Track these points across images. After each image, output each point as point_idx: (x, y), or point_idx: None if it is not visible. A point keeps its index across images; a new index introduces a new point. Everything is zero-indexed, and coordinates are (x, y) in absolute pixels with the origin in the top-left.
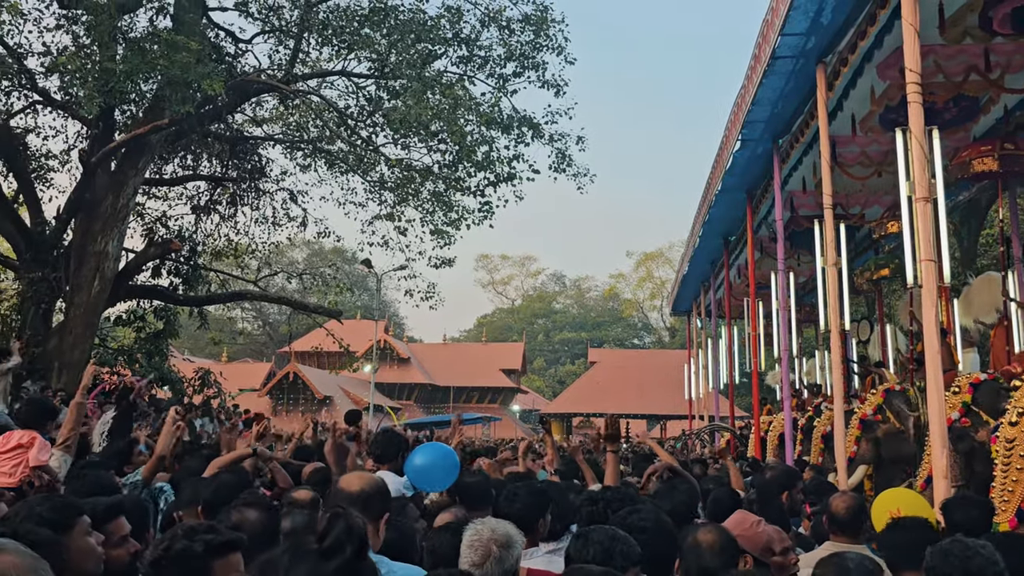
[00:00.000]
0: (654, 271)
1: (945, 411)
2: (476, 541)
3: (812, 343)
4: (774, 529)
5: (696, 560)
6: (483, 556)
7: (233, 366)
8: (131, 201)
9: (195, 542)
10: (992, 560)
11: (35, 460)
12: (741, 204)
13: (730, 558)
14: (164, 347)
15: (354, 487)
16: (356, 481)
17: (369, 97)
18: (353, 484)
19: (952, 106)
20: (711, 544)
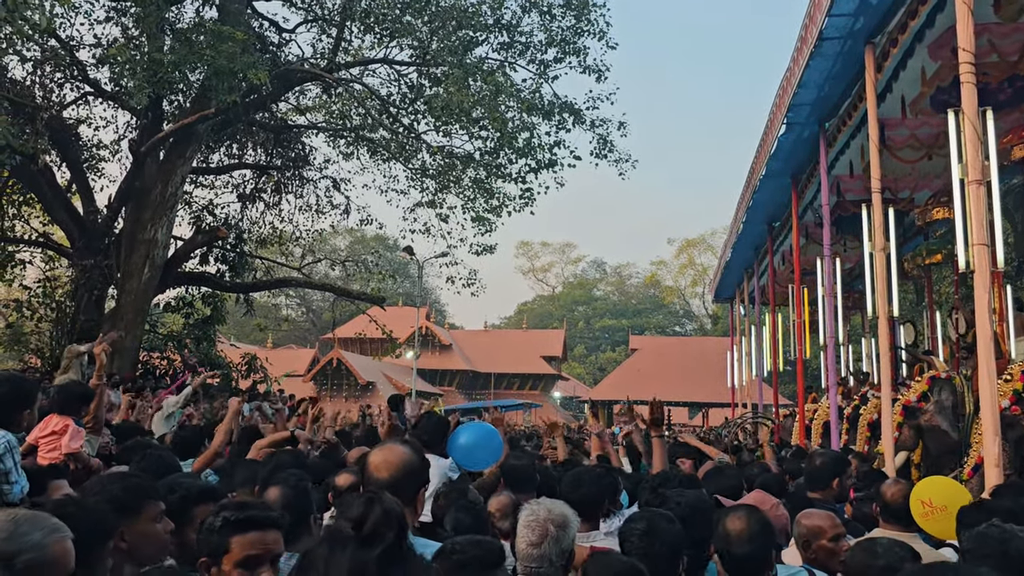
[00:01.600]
0: (696, 258)
1: (997, 398)
2: (533, 521)
3: (859, 331)
4: (826, 514)
5: (727, 545)
6: (541, 536)
7: (278, 352)
8: (179, 189)
9: (217, 517)
10: None
11: (67, 448)
12: (786, 189)
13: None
14: (212, 333)
15: (383, 473)
16: (383, 466)
17: (411, 84)
18: (381, 469)
19: (1007, 86)
20: (740, 531)
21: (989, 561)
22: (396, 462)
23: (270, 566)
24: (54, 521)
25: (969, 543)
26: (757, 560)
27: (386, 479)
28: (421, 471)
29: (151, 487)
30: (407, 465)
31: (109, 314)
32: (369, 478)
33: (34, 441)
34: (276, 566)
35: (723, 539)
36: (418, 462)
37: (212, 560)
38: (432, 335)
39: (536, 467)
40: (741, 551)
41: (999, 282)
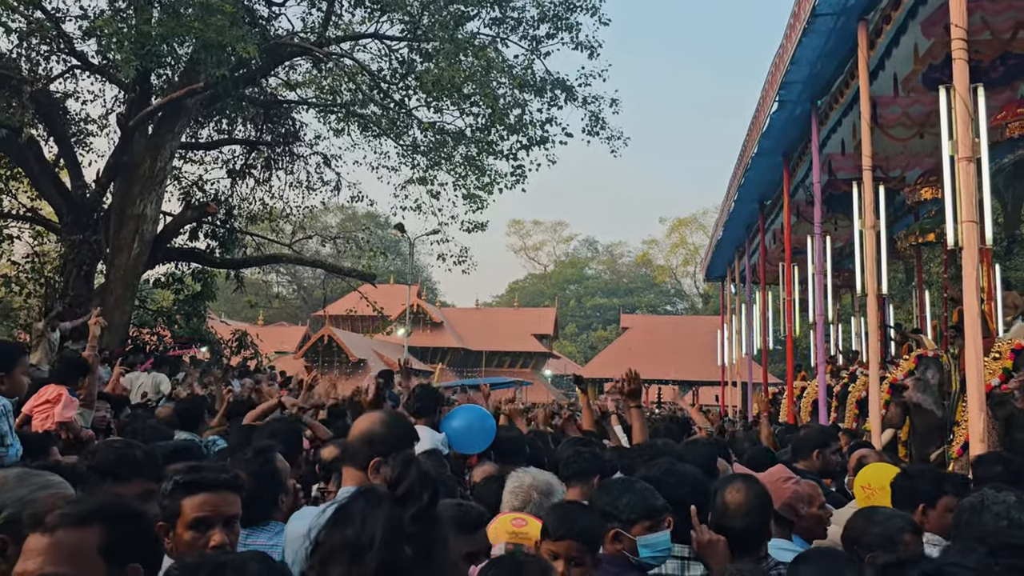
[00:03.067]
0: (687, 237)
1: (983, 375)
2: (518, 488)
3: (849, 309)
4: (809, 484)
5: (723, 517)
6: (524, 501)
7: (269, 329)
8: (168, 164)
9: (170, 481)
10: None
11: (60, 416)
12: (777, 167)
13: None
14: (202, 309)
15: (350, 437)
16: (353, 430)
17: (402, 60)
18: (351, 434)
19: (999, 64)
20: (738, 504)
21: (969, 536)
22: (357, 427)
23: (223, 527)
24: (49, 478)
25: (957, 517)
26: (753, 532)
27: (348, 443)
28: (382, 440)
29: (151, 466)
30: (364, 432)
31: (98, 290)
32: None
33: (29, 411)
34: (233, 528)
35: (720, 510)
36: (381, 431)
37: (168, 523)
38: (423, 313)
39: (525, 439)
40: (737, 523)
41: (988, 260)
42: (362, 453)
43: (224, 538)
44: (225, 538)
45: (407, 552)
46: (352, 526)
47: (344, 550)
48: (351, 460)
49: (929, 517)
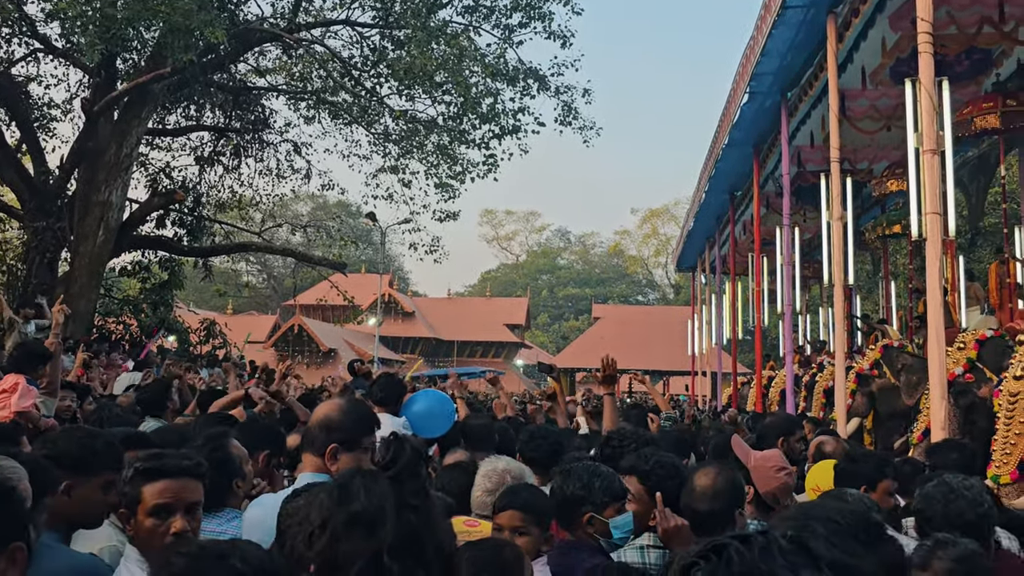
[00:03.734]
0: (659, 228)
1: (945, 364)
2: (491, 472)
3: (817, 300)
4: (774, 451)
5: (691, 500)
6: (497, 484)
7: (238, 319)
8: (134, 151)
9: (130, 468)
10: (976, 501)
11: (16, 406)
12: (748, 159)
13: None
14: (169, 298)
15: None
16: (311, 416)
17: (373, 47)
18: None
19: (964, 59)
20: (705, 487)
21: (935, 521)
22: (316, 414)
23: (185, 514)
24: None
25: (917, 503)
26: (717, 516)
27: (307, 429)
28: (340, 427)
29: (114, 457)
30: (322, 419)
31: (62, 278)
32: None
33: None
34: (195, 515)
35: (688, 494)
36: (338, 418)
37: (129, 511)
38: (395, 302)
39: (495, 427)
40: (703, 507)
41: (952, 252)
42: (320, 439)
43: (185, 524)
44: (187, 524)
45: (415, 522)
46: (358, 501)
47: (356, 526)
48: (310, 446)
49: None
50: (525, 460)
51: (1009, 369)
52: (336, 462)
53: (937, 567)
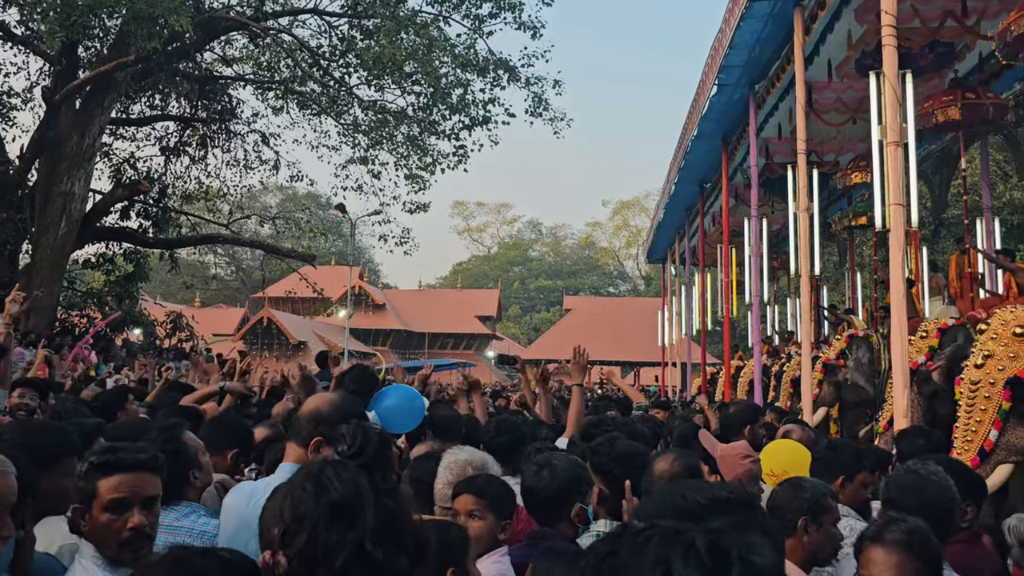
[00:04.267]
0: (630, 219)
1: (908, 353)
2: (453, 463)
3: (785, 291)
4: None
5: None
6: (458, 476)
7: (206, 311)
8: (97, 141)
9: (85, 461)
10: (943, 487)
11: None
12: (717, 150)
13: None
14: (134, 290)
15: (301, 410)
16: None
17: (342, 37)
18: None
19: (928, 52)
20: (663, 472)
21: (904, 509)
22: (307, 405)
23: (142, 509)
24: None
25: (887, 492)
26: None
27: (296, 418)
28: (327, 420)
29: (73, 442)
30: (312, 410)
31: (23, 270)
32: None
33: None
34: (152, 509)
35: (648, 478)
36: (327, 412)
37: (84, 506)
38: (365, 294)
39: (461, 418)
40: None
41: (916, 243)
42: (306, 431)
43: (143, 519)
44: (144, 519)
45: (393, 506)
46: (335, 491)
47: (336, 516)
48: (295, 435)
49: (846, 490)
50: (490, 451)
51: (970, 357)
52: (318, 456)
53: (888, 538)
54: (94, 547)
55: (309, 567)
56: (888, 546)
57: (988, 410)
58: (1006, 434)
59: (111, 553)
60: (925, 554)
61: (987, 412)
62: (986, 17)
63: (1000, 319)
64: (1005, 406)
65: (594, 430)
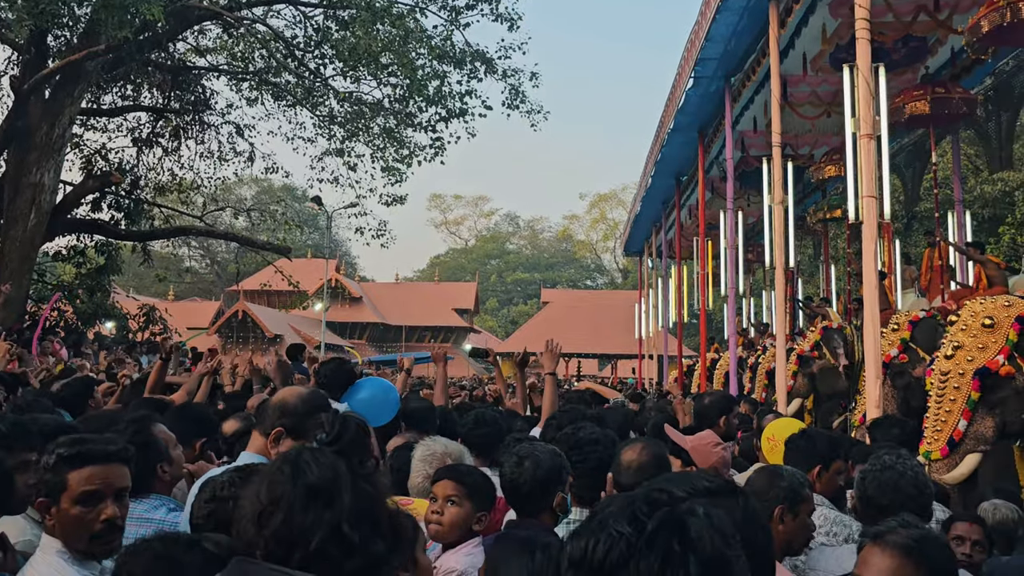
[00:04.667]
0: (607, 212)
1: (880, 345)
2: (430, 456)
3: (760, 283)
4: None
5: (618, 475)
6: (436, 469)
7: (180, 305)
8: (67, 131)
9: (52, 454)
10: (918, 480)
11: None
12: (693, 143)
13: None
14: (106, 283)
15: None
16: (275, 396)
17: (317, 27)
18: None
19: (901, 46)
20: (631, 462)
21: (878, 500)
22: (277, 395)
23: (113, 500)
24: None
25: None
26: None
27: (263, 407)
28: (291, 413)
29: (27, 434)
30: (278, 400)
31: None
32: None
33: None
34: (123, 501)
35: (616, 468)
36: (292, 404)
37: (51, 499)
38: (342, 287)
39: (436, 410)
40: (628, 480)
41: (888, 236)
42: (270, 420)
43: (116, 511)
44: (117, 511)
45: (370, 491)
46: (312, 474)
47: (313, 498)
48: (260, 424)
49: (822, 479)
50: (468, 444)
51: (940, 349)
52: (277, 446)
53: (891, 540)
54: (61, 542)
55: (285, 548)
56: (887, 548)
57: (957, 400)
58: (975, 424)
59: (81, 546)
60: (928, 563)
61: (956, 402)
62: (958, 11)
63: (970, 311)
64: (974, 396)
65: (564, 418)
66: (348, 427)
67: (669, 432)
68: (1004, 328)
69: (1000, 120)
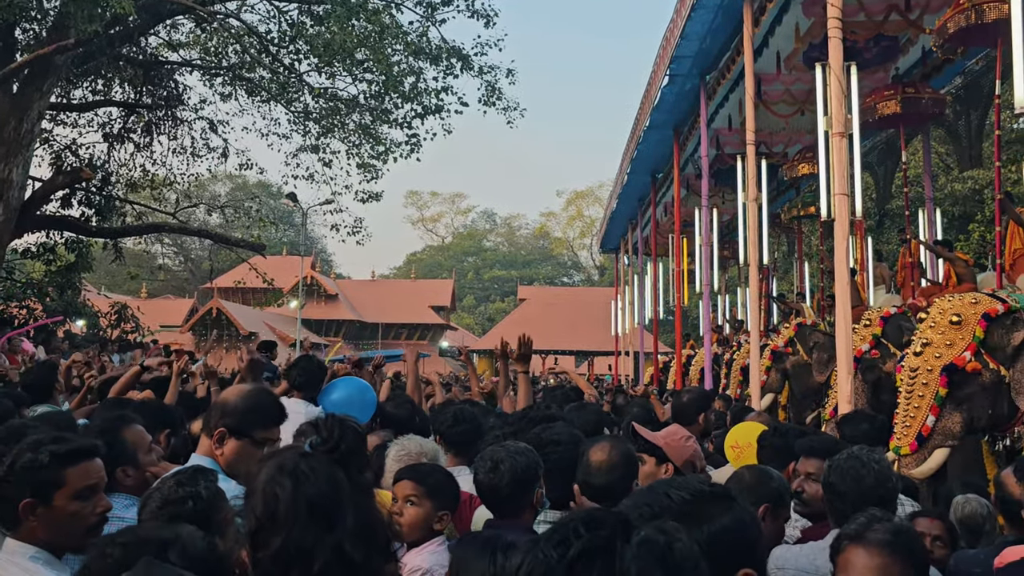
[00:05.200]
0: (584, 209)
1: (852, 341)
2: (404, 455)
3: (735, 280)
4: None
5: (587, 475)
6: None
7: (154, 302)
8: (36, 127)
9: (40, 453)
10: (884, 475)
11: None
12: (668, 141)
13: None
14: (76, 281)
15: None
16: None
17: (291, 22)
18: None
19: (872, 45)
20: (600, 462)
21: (848, 496)
22: (221, 395)
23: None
24: None
25: (828, 476)
26: (615, 490)
27: (208, 409)
28: (232, 412)
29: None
30: (220, 400)
31: None
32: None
33: None
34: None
35: (585, 469)
36: (233, 403)
37: (40, 499)
38: (318, 285)
39: (416, 410)
40: (599, 481)
41: (861, 233)
42: (212, 420)
43: (109, 503)
44: (110, 503)
45: (371, 506)
46: (312, 487)
47: (315, 516)
48: (205, 426)
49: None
50: (447, 441)
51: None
52: (221, 447)
53: (871, 538)
54: (34, 545)
55: (283, 570)
56: (870, 547)
57: (926, 396)
58: (942, 419)
59: (74, 542)
60: (911, 556)
61: (925, 398)
62: (929, 11)
63: (938, 308)
64: (942, 392)
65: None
66: (346, 433)
67: (640, 431)
68: (971, 325)
69: (970, 119)
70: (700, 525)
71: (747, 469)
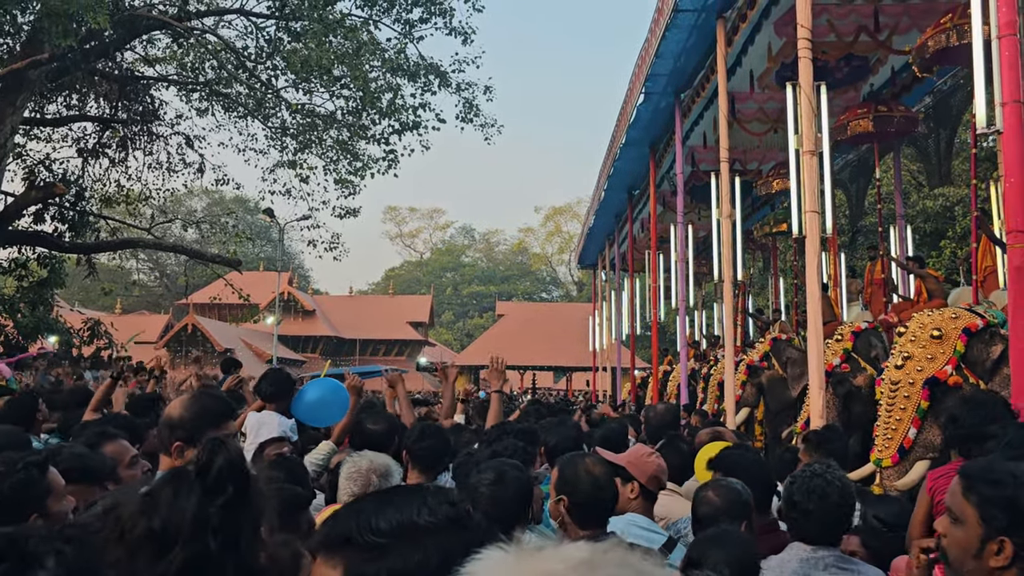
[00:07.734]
0: (563, 225)
1: (824, 356)
2: (355, 473)
3: (712, 296)
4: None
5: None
6: (363, 487)
7: (128, 318)
8: (9, 141)
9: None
10: (845, 493)
11: None
12: (644, 158)
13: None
14: (49, 297)
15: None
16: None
17: (269, 38)
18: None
19: (843, 65)
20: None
21: (814, 514)
22: (165, 412)
23: None
24: None
25: (788, 491)
26: (600, 505)
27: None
28: (180, 424)
29: None
30: (165, 416)
31: None
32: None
33: None
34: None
35: (571, 484)
36: (178, 414)
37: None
38: (295, 301)
39: (397, 426)
40: (578, 499)
41: (834, 250)
42: (165, 438)
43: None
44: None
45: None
46: (159, 515)
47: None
48: (161, 445)
49: None
50: (413, 457)
51: (883, 360)
52: (183, 458)
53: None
54: None
55: None
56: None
57: (907, 409)
58: (924, 432)
59: None
60: None
61: (906, 411)
62: (898, 32)
63: (918, 322)
64: (923, 405)
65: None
66: (216, 459)
67: (602, 453)
68: (952, 339)
69: (939, 138)
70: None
71: (711, 491)
